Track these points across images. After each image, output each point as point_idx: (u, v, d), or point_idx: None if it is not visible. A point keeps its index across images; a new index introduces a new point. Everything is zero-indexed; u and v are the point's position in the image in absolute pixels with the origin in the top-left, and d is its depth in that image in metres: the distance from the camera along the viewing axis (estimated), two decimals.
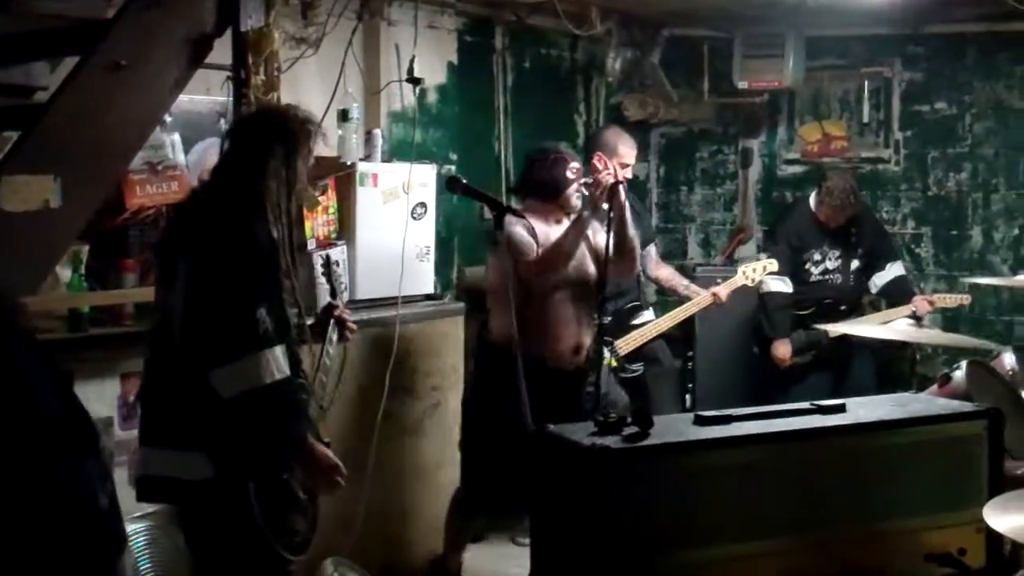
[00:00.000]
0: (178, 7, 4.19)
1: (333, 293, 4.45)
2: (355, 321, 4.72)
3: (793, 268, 6.64)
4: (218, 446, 3.38)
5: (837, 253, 6.68)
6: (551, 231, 4.81)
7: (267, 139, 3.59)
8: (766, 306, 6.66)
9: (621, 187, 4.75)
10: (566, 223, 4.84)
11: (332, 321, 4.11)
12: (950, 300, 6.65)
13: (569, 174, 4.86)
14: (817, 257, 6.67)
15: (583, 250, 4.86)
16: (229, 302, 3.34)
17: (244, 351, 3.29)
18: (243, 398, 3.30)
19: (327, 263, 4.54)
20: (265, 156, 3.55)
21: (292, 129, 3.61)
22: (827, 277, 6.69)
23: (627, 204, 4.81)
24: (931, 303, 6.49)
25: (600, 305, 4.79)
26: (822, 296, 6.65)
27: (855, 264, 6.71)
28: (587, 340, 4.86)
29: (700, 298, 6.05)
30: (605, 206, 4.67)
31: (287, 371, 3.37)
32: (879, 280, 6.74)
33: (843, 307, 6.64)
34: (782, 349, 6.59)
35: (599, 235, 4.91)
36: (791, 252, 6.70)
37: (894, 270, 6.76)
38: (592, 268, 4.88)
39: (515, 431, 4.53)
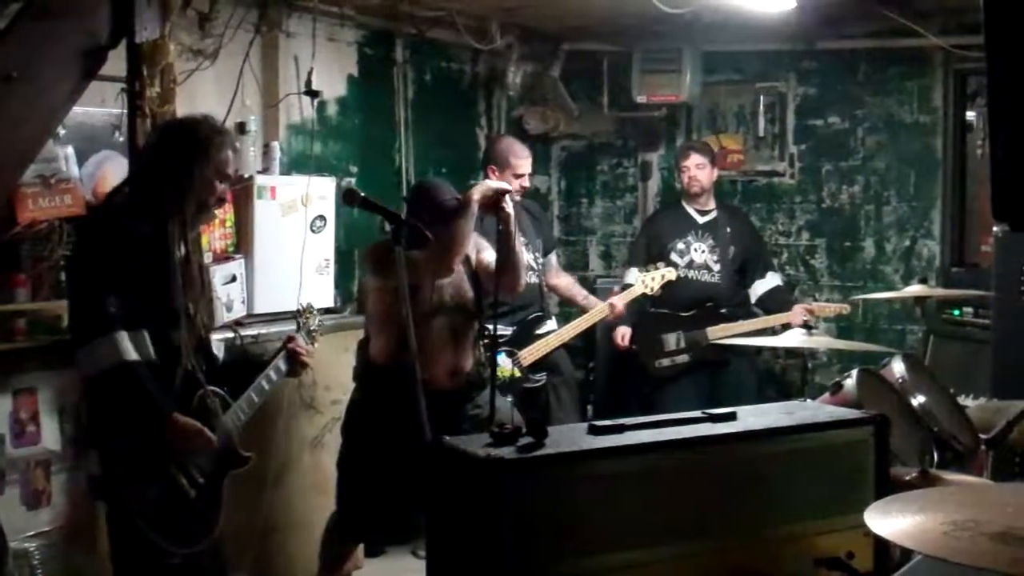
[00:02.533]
0: (72, 18, 4.16)
1: (298, 327, 4.47)
2: (253, 335, 4.72)
3: (654, 261, 6.59)
4: (103, 442, 3.62)
5: (704, 247, 6.61)
6: None
7: (169, 150, 3.73)
8: None
9: (508, 197, 4.76)
10: None
11: (284, 352, 4.23)
12: (829, 309, 6.63)
13: None
14: (681, 246, 6.63)
15: (462, 276, 4.83)
16: (81, 289, 3.64)
17: (93, 334, 3.52)
18: (99, 378, 3.55)
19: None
20: (165, 166, 3.69)
21: (197, 140, 3.71)
22: (694, 273, 6.59)
23: (513, 217, 4.80)
24: (810, 311, 6.36)
25: (495, 318, 4.78)
26: (696, 297, 6.55)
27: (730, 264, 6.62)
28: (466, 363, 4.81)
29: (597, 309, 6.12)
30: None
31: (134, 356, 3.53)
32: (759, 288, 6.68)
33: (723, 310, 6.52)
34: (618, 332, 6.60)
35: (484, 252, 4.90)
36: (646, 241, 6.78)
37: (773, 280, 6.73)
38: (470, 291, 4.82)
39: (396, 452, 4.51)
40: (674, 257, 6.62)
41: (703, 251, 6.63)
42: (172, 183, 3.68)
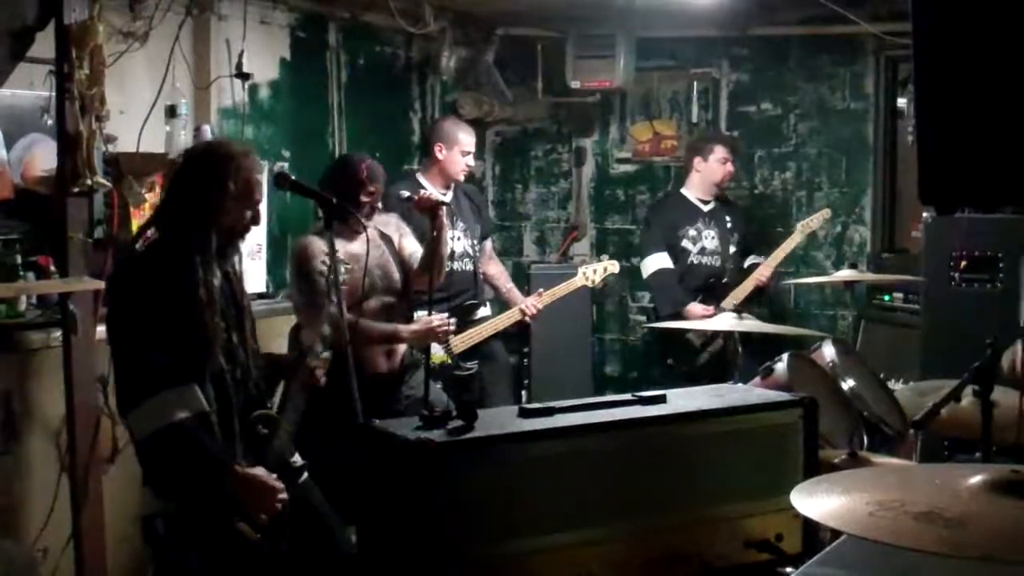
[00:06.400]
0: None
1: None
2: None
3: (670, 249, 6.71)
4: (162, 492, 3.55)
5: (713, 234, 6.75)
6: (349, 246, 4.75)
7: (190, 178, 3.59)
8: (658, 286, 6.70)
9: (442, 209, 4.87)
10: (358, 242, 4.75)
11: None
12: (813, 222, 6.77)
13: (363, 196, 4.82)
14: (692, 233, 6.74)
15: (388, 259, 4.85)
16: (123, 350, 3.47)
17: (140, 398, 3.38)
18: (150, 440, 3.39)
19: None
20: (187, 197, 3.55)
21: (217, 164, 3.58)
22: (705, 259, 6.74)
23: (445, 228, 4.89)
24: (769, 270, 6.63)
25: (430, 304, 4.80)
26: (706, 278, 6.69)
27: (732, 249, 6.78)
28: (401, 346, 4.86)
29: (508, 313, 6.10)
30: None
31: (182, 414, 3.37)
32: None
33: (725, 280, 6.69)
34: (697, 309, 6.52)
35: (406, 237, 4.97)
36: (664, 231, 6.79)
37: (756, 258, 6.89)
38: (398, 275, 4.90)
39: (331, 438, 4.49)
40: (686, 244, 6.75)
41: (712, 237, 6.78)
42: (195, 214, 3.53)
